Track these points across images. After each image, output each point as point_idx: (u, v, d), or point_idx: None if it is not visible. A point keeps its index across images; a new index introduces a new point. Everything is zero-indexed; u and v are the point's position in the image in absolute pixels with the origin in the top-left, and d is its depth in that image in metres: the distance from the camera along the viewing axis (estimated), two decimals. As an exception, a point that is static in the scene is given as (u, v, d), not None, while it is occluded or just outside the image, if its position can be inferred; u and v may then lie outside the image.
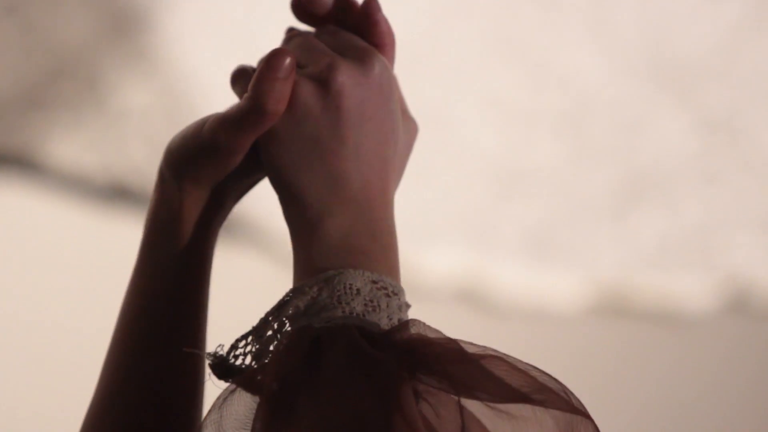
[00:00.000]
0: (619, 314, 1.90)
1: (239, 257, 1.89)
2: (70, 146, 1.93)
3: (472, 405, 0.62)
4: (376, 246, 0.70)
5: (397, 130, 0.73)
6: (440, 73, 1.90)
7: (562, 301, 1.89)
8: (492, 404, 0.62)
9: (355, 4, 0.76)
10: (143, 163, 1.91)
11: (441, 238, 1.90)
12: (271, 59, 0.69)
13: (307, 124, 0.70)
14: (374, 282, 0.66)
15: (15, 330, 1.80)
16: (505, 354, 0.62)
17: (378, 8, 0.75)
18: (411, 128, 0.77)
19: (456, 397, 0.62)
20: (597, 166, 1.93)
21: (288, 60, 0.69)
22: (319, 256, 0.68)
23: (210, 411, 0.64)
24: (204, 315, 0.78)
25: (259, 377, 0.63)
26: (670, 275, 1.95)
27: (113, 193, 1.93)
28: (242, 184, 0.76)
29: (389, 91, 0.73)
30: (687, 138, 1.91)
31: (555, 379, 0.61)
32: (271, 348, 0.65)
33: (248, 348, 0.66)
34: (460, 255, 1.90)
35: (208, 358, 0.65)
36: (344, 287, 0.66)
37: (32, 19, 1.91)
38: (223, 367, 0.65)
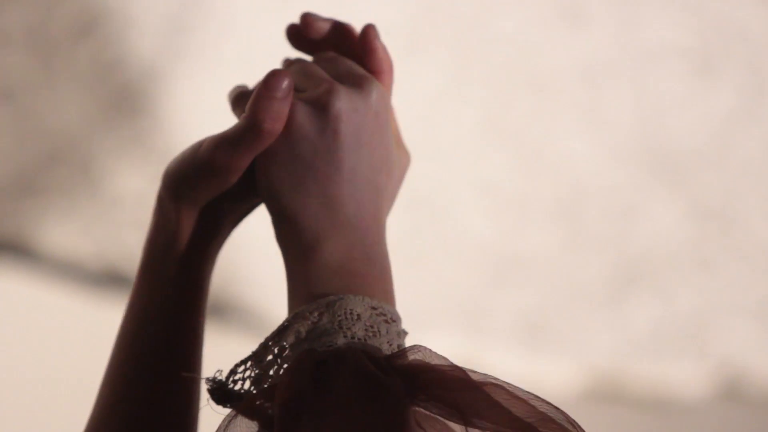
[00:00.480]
0: (612, 401, 1.90)
1: (230, 342, 1.90)
2: (64, 232, 1.95)
3: None
4: (373, 271, 0.70)
5: (391, 157, 0.74)
6: (434, 159, 1.92)
7: (556, 387, 1.89)
8: None
9: (352, 31, 0.77)
10: (137, 249, 1.92)
11: (435, 323, 1.90)
12: (269, 79, 0.70)
13: (304, 146, 0.71)
14: (374, 308, 0.66)
15: (10, 415, 1.80)
16: (506, 382, 0.62)
17: (376, 35, 0.76)
18: (403, 158, 0.77)
19: (456, 425, 0.61)
20: (591, 253, 1.94)
21: (286, 81, 0.70)
22: (317, 280, 0.68)
23: None
24: (200, 340, 0.78)
25: (259, 402, 0.63)
26: (664, 362, 1.96)
27: (107, 279, 1.93)
28: (239, 207, 0.76)
29: (385, 118, 0.74)
30: (680, 225, 1.93)
31: (558, 409, 0.61)
32: (271, 373, 0.65)
33: (247, 373, 0.66)
34: (455, 340, 1.91)
35: (207, 384, 0.65)
36: (345, 312, 0.66)
37: (26, 105, 1.93)
38: (221, 392, 0.65)
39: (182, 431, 0.77)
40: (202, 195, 0.73)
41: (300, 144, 0.71)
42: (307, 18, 0.77)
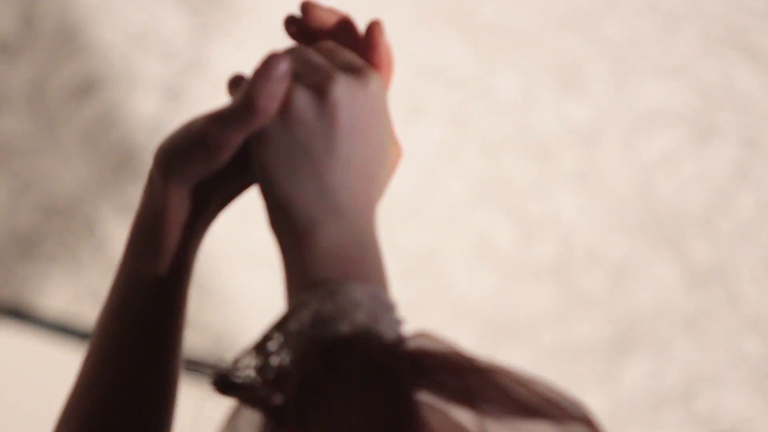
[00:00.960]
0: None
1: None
2: (67, 293, 1.98)
3: (478, 418, 0.61)
4: (368, 258, 0.70)
5: (385, 148, 0.75)
6: (428, 223, 1.96)
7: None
8: (501, 418, 0.61)
9: (352, 24, 0.79)
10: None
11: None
12: (268, 60, 0.71)
13: (300, 131, 0.71)
14: (373, 295, 0.66)
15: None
16: (511, 367, 0.63)
17: (381, 32, 0.77)
18: (396, 151, 0.77)
19: (457, 414, 0.61)
20: (584, 315, 1.92)
21: (284, 63, 0.71)
22: (315, 266, 0.68)
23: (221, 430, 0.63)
24: (182, 322, 0.78)
25: (264, 391, 0.62)
26: (657, 425, 1.88)
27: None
28: (227, 188, 0.77)
29: (382, 109, 0.75)
30: (675, 288, 1.91)
31: (566, 395, 0.61)
32: (276, 362, 0.64)
33: (251, 362, 0.65)
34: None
35: (210, 373, 0.64)
36: (347, 300, 0.65)
37: (28, 166, 1.99)
38: (225, 381, 0.64)
39: (159, 411, 0.78)
40: (192, 171, 0.74)
41: (297, 128, 0.71)
42: (307, 5, 0.79)
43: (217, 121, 0.72)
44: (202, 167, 0.73)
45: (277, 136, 0.71)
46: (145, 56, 1.93)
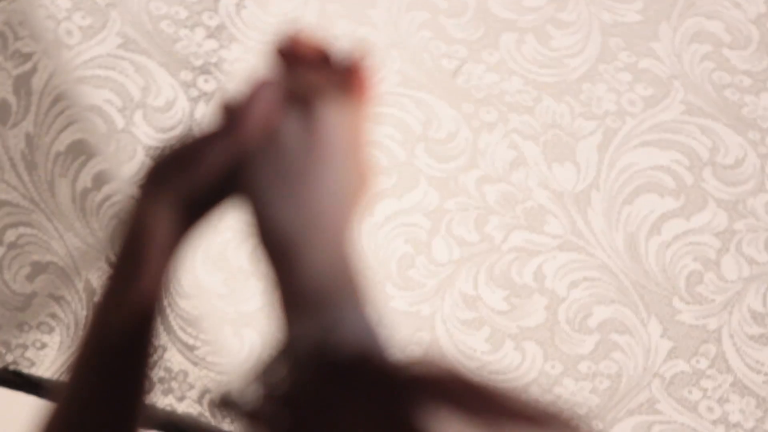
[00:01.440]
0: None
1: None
2: (62, 366, 1.99)
3: None
4: (355, 276, 0.71)
5: (361, 169, 0.76)
6: (416, 284, 1.97)
7: None
8: None
9: (336, 54, 0.80)
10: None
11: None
12: (255, 86, 0.75)
13: (283, 155, 0.74)
14: (367, 313, 0.67)
15: None
16: (517, 387, 0.64)
17: (363, 58, 0.79)
18: (371, 172, 0.78)
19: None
20: (570, 380, 1.94)
21: (269, 89, 0.75)
22: (305, 284, 0.69)
23: None
24: (153, 336, 0.80)
25: (268, 412, 0.63)
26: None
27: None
28: (206, 207, 0.79)
29: (359, 134, 0.77)
30: (660, 353, 1.93)
31: (570, 410, 0.62)
32: (280, 382, 0.65)
33: (257, 385, 0.65)
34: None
35: (213, 395, 0.67)
36: (345, 319, 0.67)
37: (22, 240, 1.99)
38: (228, 403, 0.65)
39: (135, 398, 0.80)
40: (178, 186, 0.76)
41: (280, 152, 0.74)
42: (291, 37, 0.81)
43: (203, 141, 0.75)
44: (187, 184, 0.76)
45: (261, 160, 0.74)
46: (143, 125, 1.95)
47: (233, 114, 0.75)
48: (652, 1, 2.01)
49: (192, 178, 0.76)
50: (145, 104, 1.96)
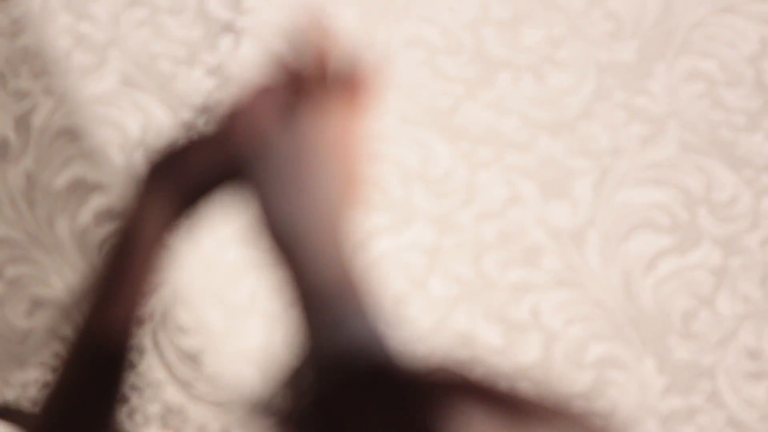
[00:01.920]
0: None
1: None
2: None
3: None
4: (362, 277, 0.73)
5: (353, 173, 0.78)
6: (413, 322, 1.99)
7: None
8: None
9: (339, 58, 0.81)
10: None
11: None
12: (246, 94, 0.78)
13: (277, 160, 0.76)
14: (379, 320, 0.69)
15: None
16: (533, 394, 0.64)
17: (365, 66, 0.81)
18: (366, 175, 0.80)
19: None
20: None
21: (260, 97, 0.77)
22: (320, 283, 0.71)
23: None
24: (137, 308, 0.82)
25: (296, 416, 0.64)
26: None
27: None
28: (199, 203, 0.81)
29: (352, 141, 0.78)
30: (654, 382, 1.94)
31: (593, 410, 0.64)
32: (306, 388, 0.66)
33: (283, 390, 0.67)
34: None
35: (245, 402, 0.66)
36: (361, 323, 0.68)
37: (21, 269, 2.02)
38: (258, 408, 0.66)
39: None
40: (173, 178, 0.79)
41: (274, 157, 0.76)
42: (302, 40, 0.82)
43: (198, 142, 0.79)
44: (181, 181, 0.79)
45: (259, 164, 0.76)
46: (143, 163, 1.97)
47: (228, 118, 0.78)
48: (647, 39, 2.03)
49: (186, 176, 0.79)
50: (145, 142, 1.98)
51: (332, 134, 0.77)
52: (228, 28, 1.99)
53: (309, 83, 0.81)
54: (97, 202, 2.00)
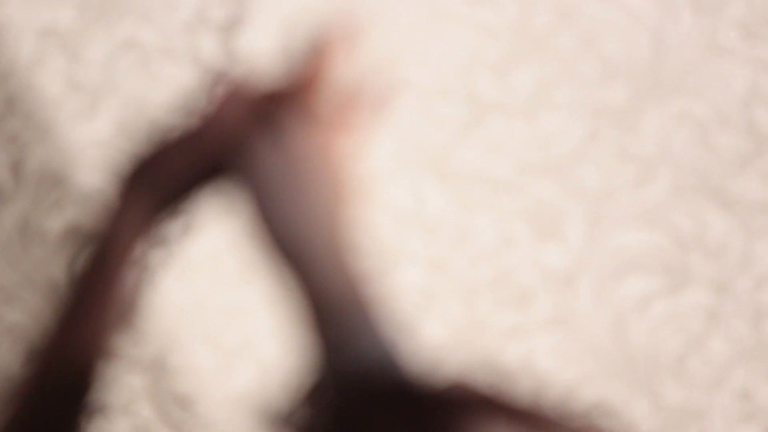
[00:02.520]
0: None
1: None
2: None
3: None
4: (369, 291, 0.74)
5: (342, 186, 0.78)
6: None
7: None
8: None
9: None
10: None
11: None
12: (230, 94, 0.78)
13: (264, 171, 0.76)
14: (387, 337, 0.69)
15: None
16: (546, 406, 0.65)
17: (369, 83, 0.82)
18: (358, 187, 0.79)
19: None
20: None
21: (243, 97, 0.77)
22: (329, 296, 0.71)
23: None
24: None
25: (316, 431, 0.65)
26: None
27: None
28: (179, 205, 0.81)
29: (341, 156, 0.78)
30: (644, 423, 1.96)
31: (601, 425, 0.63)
32: (325, 403, 0.67)
33: (303, 404, 0.67)
34: None
35: (263, 412, 0.66)
36: (374, 339, 0.69)
37: (12, 313, 2.07)
38: (277, 421, 0.66)
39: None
40: (148, 187, 0.78)
41: (261, 169, 0.76)
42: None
43: (174, 143, 0.78)
44: (159, 184, 0.78)
45: (245, 173, 0.76)
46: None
47: (204, 117, 0.77)
48: (639, 82, 2.05)
49: (163, 177, 0.78)
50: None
51: (319, 147, 0.77)
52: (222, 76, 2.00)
53: (297, 96, 0.81)
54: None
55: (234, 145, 0.77)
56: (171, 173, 0.79)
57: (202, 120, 0.79)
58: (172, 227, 0.83)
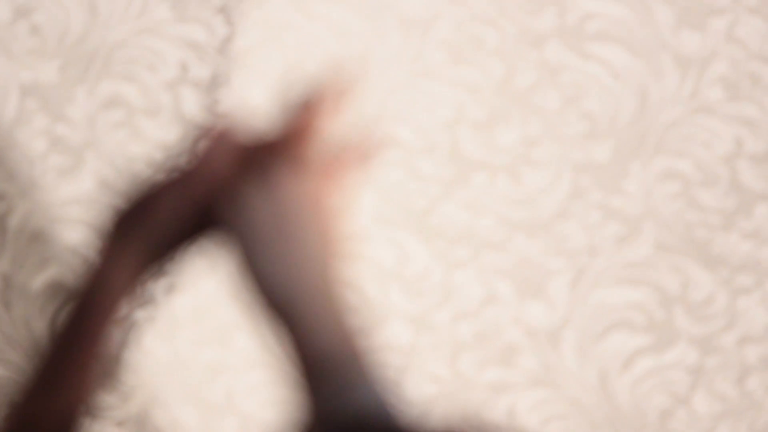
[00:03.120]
0: None
1: None
2: None
3: None
4: (358, 340, 0.75)
5: (329, 234, 0.78)
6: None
7: None
8: None
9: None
10: None
11: None
12: (217, 139, 0.78)
13: (250, 217, 0.76)
14: (373, 374, 0.71)
15: None
16: None
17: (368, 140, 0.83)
18: (343, 235, 0.80)
19: None
20: None
21: (230, 142, 0.77)
22: (318, 349, 0.72)
23: None
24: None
25: None
26: None
27: None
28: (167, 253, 0.80)
29: (326, 202, 0.78)
30: None
31: None
32: None
33: None
34: None
35: None
36: (366, 388, 0.70)
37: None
38: None
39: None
40: (134, 235, 0.78)
41: (247, 215, 0.76)
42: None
43: (159, 190, 0.78)
44: (145, 232, 0.77)
45: (235, 220, 0.76)
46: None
47: (191, 165, 0.78)
48: (622, 139, 2.07)
49: (150, 226, 0.78)
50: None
51: (309, 197, 0.77)
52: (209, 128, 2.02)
53: (287, 146, 0.81)
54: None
55: (222, 193, 0.78)
56: (157, 223, 0.78)
57: (190, 168, 0.79)
58: (158, 283, 0.86)
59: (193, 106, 2.05)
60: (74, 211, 2.03)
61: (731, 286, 2.03)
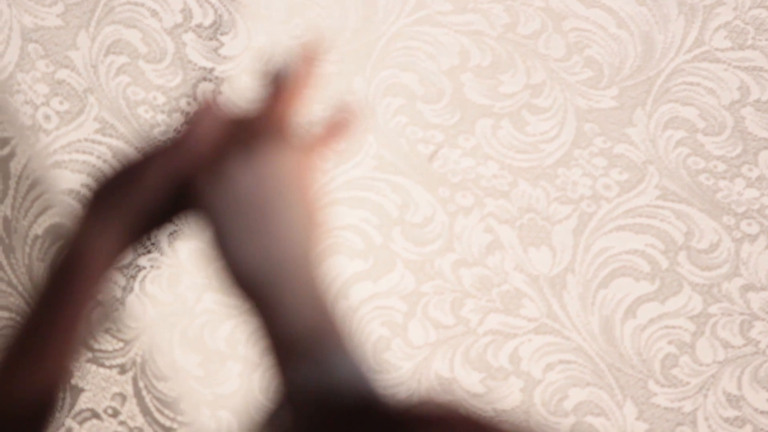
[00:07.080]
0: None
1: None
2: None
3: None
4: (337, 318, 0.75)
5: (311, 212, 0.80)
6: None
7: None
8: None
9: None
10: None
11: None
12: (202, 111, 0.81)
13: (232, 194, 0.78)
14: (358, 355, 0.71)
15: None
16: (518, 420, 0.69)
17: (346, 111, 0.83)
18: (322, 216, 0.81)
19: None
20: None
21: (216, 114, 0.80)
22: (294, 328, 0.72)
23: None
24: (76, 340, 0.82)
25: None
26: None
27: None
28: (150, 225, 0.83)
29: (310, 178, 0.80)
30: (634, 426, 2.06)
31: None
32: (285, 430, 0.68)
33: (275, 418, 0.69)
34: None
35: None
36: (339, 361, 0.70)
37: None
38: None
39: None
40: (118, 206, 0.81)
41: (229, 191, 0.79)
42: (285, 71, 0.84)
43: (143, 161, 0.81)
44: (129, 202, 0.80)
45: (215, 199, 0.79)
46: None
47: (178, 134, 0.81)
48: (627, 87, 2.16)
49: (133, 197, 0.81)
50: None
51: (291, 174, 0.80)
52: (207, 76, 2.10)
53: (271, 119, 0.83)
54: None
55: (205, 166, 0.81)
56: (140, 193, 0.81)
57: (174, 140, 0.82)
58: (142, 248, 0.89)
59: (196, 52, 2.13)
60: (76, 156, 2.09)
61: (735, 233, 2.12)
